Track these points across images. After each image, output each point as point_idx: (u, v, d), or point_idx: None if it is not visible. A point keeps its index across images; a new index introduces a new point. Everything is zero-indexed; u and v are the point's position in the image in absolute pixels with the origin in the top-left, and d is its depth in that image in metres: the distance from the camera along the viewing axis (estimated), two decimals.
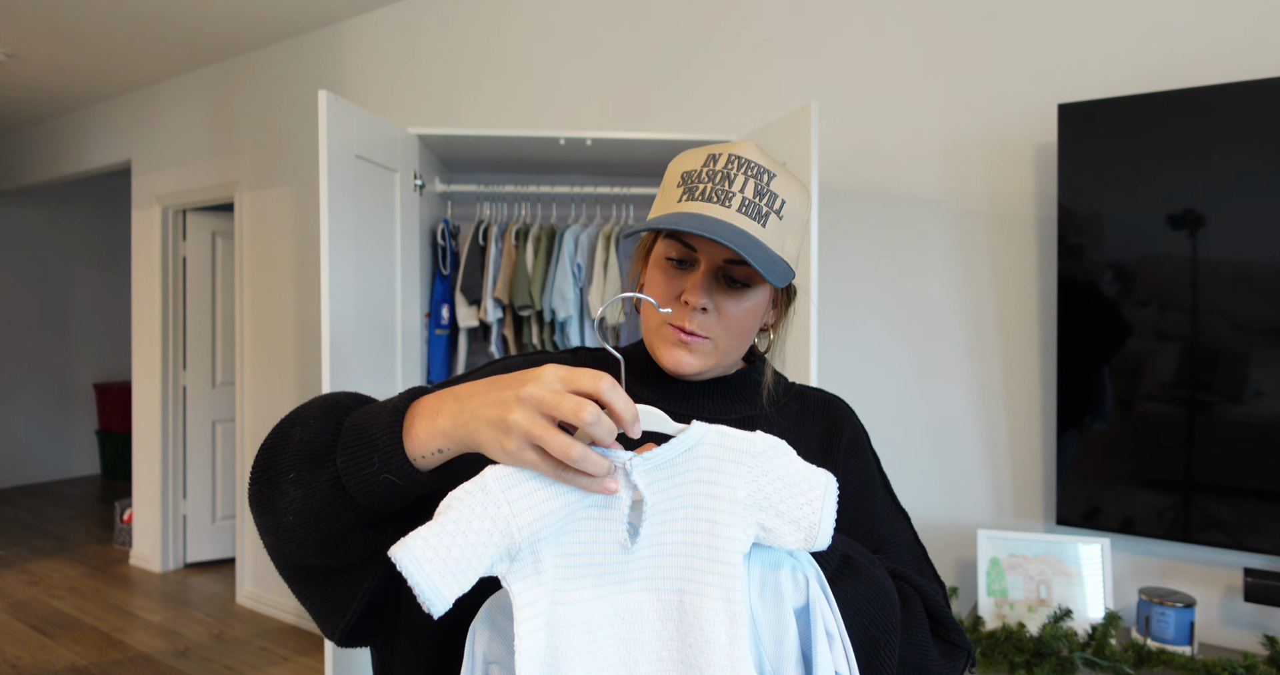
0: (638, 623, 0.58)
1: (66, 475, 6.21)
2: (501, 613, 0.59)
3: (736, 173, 0.71)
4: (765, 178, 0.72)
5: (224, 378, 4.24)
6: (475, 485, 0.55)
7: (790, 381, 0.87)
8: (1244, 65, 1.68)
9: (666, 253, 0.74)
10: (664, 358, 0.74)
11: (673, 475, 0.60)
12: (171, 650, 3.15)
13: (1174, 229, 1.65)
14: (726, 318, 0.73)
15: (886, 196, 2.14)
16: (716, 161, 0.73)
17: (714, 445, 0.60)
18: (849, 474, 0.80)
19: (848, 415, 0.86)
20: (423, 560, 0.51)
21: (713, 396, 0.80)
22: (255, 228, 3.59)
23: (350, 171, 1.88)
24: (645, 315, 0.77)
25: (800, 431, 0.80)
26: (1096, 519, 1.76)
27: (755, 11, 2.34)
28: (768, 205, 0.71)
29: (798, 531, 0.58)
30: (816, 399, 0.85)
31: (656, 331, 0.75)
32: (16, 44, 3.46)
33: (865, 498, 0.81)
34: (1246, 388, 1.60)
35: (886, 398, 2.13)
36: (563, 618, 0.56)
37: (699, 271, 0.72)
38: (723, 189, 0.71)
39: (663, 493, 0.60)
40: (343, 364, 1.85)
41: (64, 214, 6.06)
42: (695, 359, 0.74)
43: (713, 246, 0.71)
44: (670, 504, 0.60)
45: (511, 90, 2.80)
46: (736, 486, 0.59)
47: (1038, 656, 1.60)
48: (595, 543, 0.58)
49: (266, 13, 3.16)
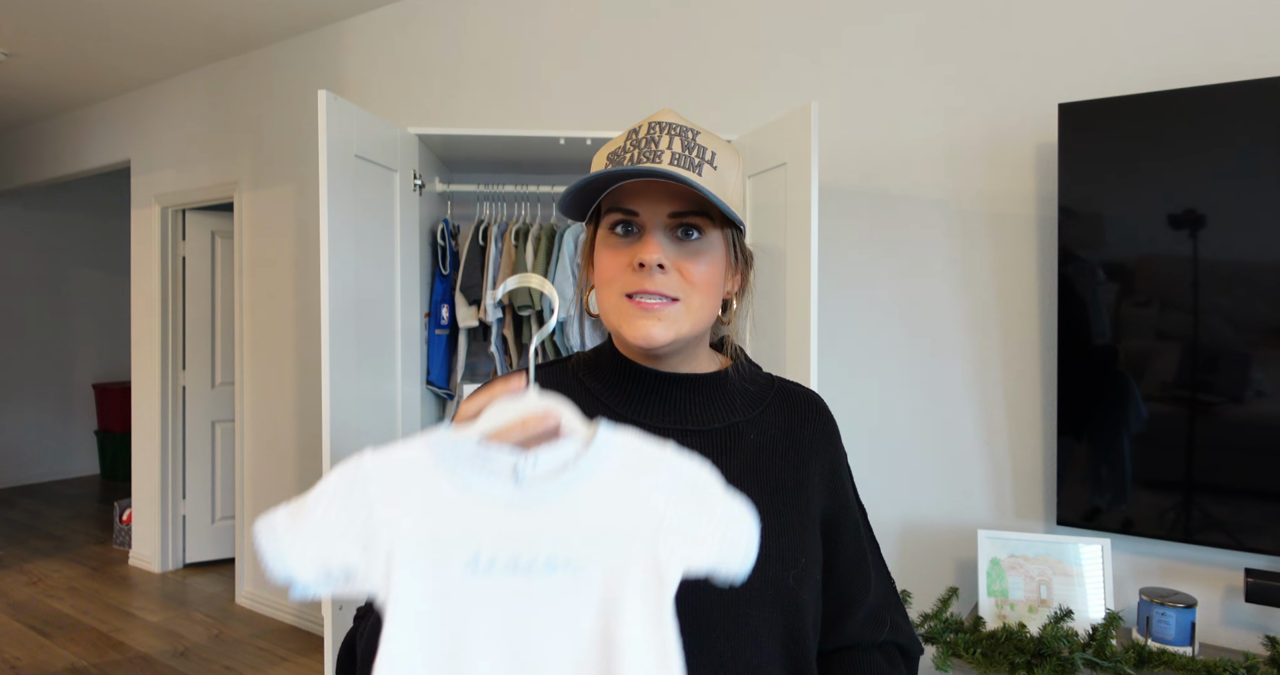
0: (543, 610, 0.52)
1: (66, 475, 6.21)
2: None
3: (660, 135, 0.70)
4: (690, 135, 0.71)
5: (224, 378, 4.24)
6: (350, 463, 0.53)
7: (767, 373, 0.83)
8: (1244, 65, 1.68)
9: (609, 226, 0.72)
10: (630, 333, 0.70)
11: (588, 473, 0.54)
12: (171, 650, 3.15)
13: (1174, 229, 1.65)
14: (687, 274, 0.70)
15: (886, 196, 2.14)
16: (638, 132, 0.72)
17: (618, 459, 0.55)
18: (840, 498, 0.79)
19: (834, 429, 0.82)
20: (276, 527, 0.50)
21: (696, 401, 0.76)
22: (255, 228, 3.58)
23: (350, 171, 1.88)
24: (602, 299, 0.73)
25: (791, 437, 0.77)
26: (1097, 519, 1.76)
27: (755, 11, 2.33)
28: (698, 157, 0.70)
29: (718, 559, 0.53)
30: (804, 399, 0.81)
31: (615, 310, 0.71)
32: (16, 43, 3.46)
33: (844, 519, 0.79)
34: (1247, 388, 1.60)
35: (886, 398, 2.13)
36: (452, 605, 0.51)
37: (646, 232, 0.70)
38: (650, 150, 0.69)
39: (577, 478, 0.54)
40: (343, 364, 1.84)
41: (64, 214, 6.06)
42: (664, 326, 0.69)
43: (654, 203, 0.69)
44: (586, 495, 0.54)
45: (511, 90, 2.80)
46: (655, 504, 0.54)
47: (1038, 657, 1.59)
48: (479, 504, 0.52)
49: (266, 13, 3.16)
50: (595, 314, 0.77)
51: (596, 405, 0.75)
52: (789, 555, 0.70)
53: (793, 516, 0.73)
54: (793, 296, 1.78)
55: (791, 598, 0.69)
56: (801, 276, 1.73)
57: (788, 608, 0.69)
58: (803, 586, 0.71)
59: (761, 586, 0.67)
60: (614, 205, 0.71)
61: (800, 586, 0.70)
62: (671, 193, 0.70)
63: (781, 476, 0.74)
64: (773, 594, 0.68)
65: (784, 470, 0.74)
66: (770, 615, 0.68)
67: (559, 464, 0.53)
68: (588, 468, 0.54)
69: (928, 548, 2.07)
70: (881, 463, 2.12)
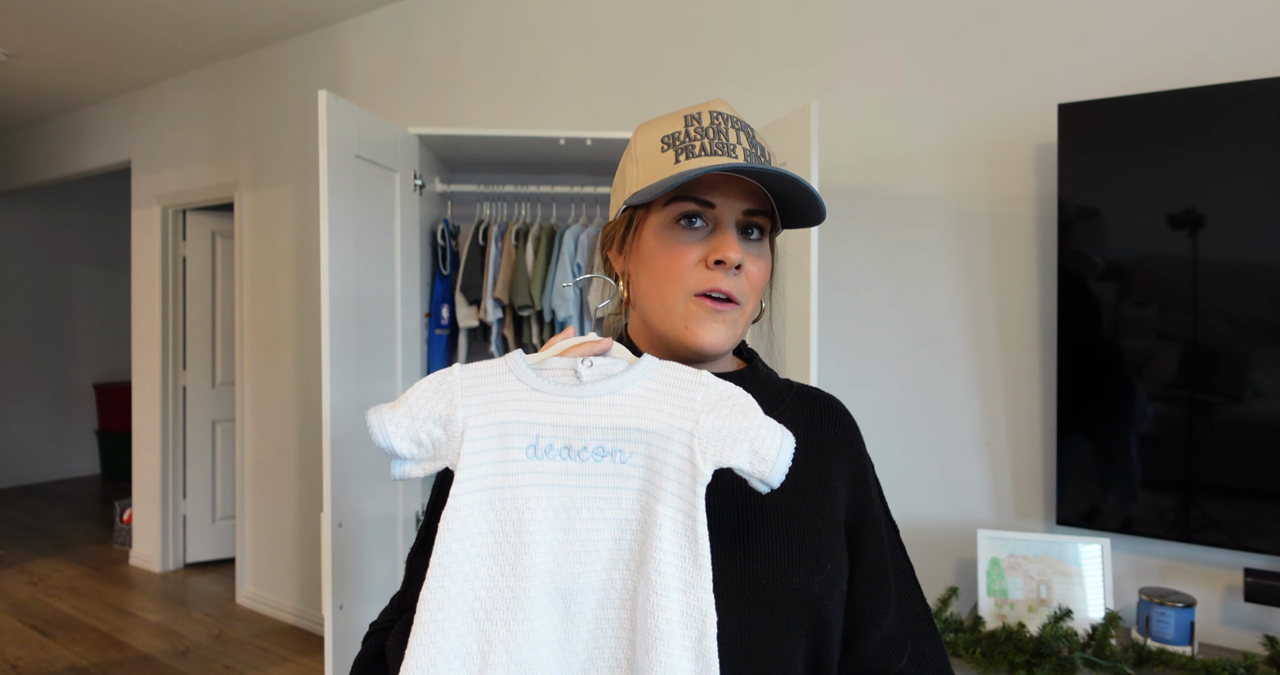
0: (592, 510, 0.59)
1: (66, 475, 6.21)
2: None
3: (726, 127, 0.68)
4: (751, 132, 0.70)
5: (224, 378, 4.24)
6: (442, 371, 0.63)
7: (784, 378, 0.80)
8: (1244, 65, 1.68)
9: (673, 216, 0.67)
10: (703, 337, 0.66)
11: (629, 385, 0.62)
12: (171, 650, 3.15)
13: (1174, 229, 1.65)
14: (751, 277, 0.67)
15: (886, 196, 2.14)
16: (700, 120, 0.68)
17: (664, 377, 0.62)
18: (861, 508, 0.73)
19: (857, 433, 0.78)
20: (381, 410, 0.61)
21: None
22: (255, 228, 3.59)
23: (350, 171, 1.88)
24: (663, 295, 0.67)
25: (813, 439, 0.73)
26: (1097, 519, 1.76)
27: (756, 12, 2.34)
28: (763, 156, 0.68)
29: (751, 456, 0.59)
30: (824, 403, 0.78)
31: (683, 310, 0.66)
32: (16, 44, 3.46)
33: (865, 531, 0.74)
34: (1247, 388, 1.60)
35: (887, 398, 2.13)
36: (514, 493, 0.59)
37: (721, 227, 0.66)
38: (722, 142, 0.66)
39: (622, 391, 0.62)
40: (343, 364, 1.84)
41: (64, 214, 6.06)
42: (729, 330, 0.67)
43: (732, 197, 0.66)
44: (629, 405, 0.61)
45: (511, 90, 2.80)
46: (696, 410, 0.60)
47: (1038, 656, 1.59)
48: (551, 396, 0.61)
49: (266, 13, 3.16)
50: (626, 303, 0.75)
51: None
52: (814, 560, 0.66)
53: (817, 520, 0.68)
54: (793, 296, 1.78)
55: (816, 606, 0.65)
56: (801, 276, 1.73)
57: (813, 618, 0.65)
58: (829, 595, 0.66)
59: (784, 592, 0.64)
60: (687, 195, 0.66)
61: (826, 595, 0.66)
62: (747, 190, 0.67)
63: (805, 478, 0.69)
64: (796, 601, 0.64)
65: (807, 472, 0.70)
66: (794, 623, 0.64)
67: (611, 370, 0.61)
68: (635, 376, 0.61)
69: (928, 547, 2.07)
70: (881, 463, 2.11)
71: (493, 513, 0.58)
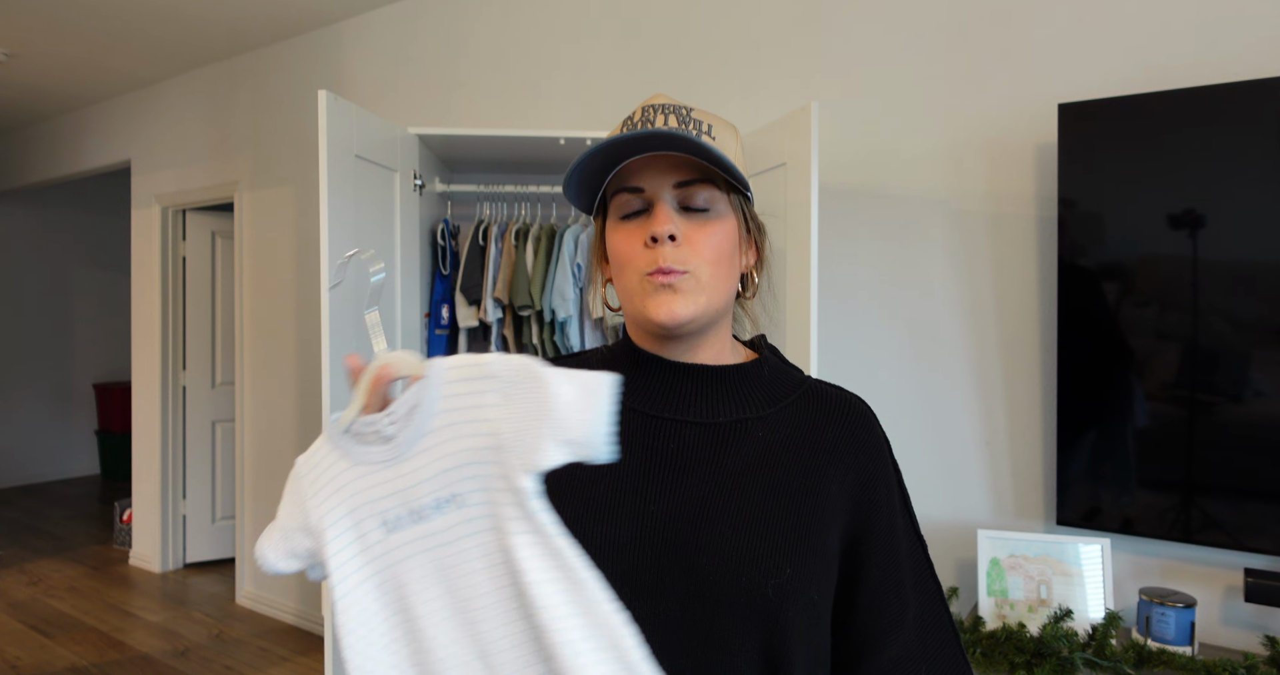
0: (460, 564, 0.56)
1: (66, 475, 6.21)
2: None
3: (655, 114, 0.69)
4: (684, 111, 0.70)
5: (224, 378, 4.24)
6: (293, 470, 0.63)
7: (801, 374, 0.78)
8: (1244, 65, 1.68)
9: (618, 213, 0.70)
10: (655, 312, 0.67)
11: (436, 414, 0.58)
12: (171, 650, 3.15)
13: (1174, 229, 1.65)
14: (697, 245, 0.67)
15: (886, 196, 2.14)
16: (633, 117, 0.71)
17: (454, 381, 0.58)
18: (869, 517, 0.69)
19: (875, 437, 0.72)
20: (261, 538, 0.62)
21: (703, 393, 0.72)
22: (255, 228, 3.59)
23: (350, 171, 1.88)
24: (622, 284, 0.70)
25: (811, 439, 0.70)
26: (1097, 519, 1.76)
27: (755, 11, 2.33)
28: (694, 129, 0.68)
29: (566, 449, 0.55)
30: (838, 402, 0.74)
31: (639, 291, 0.68)
32: (16, 44, 3.46)
33: (874, 543, 0.69)
34: (1247, 388, 1.60)
35: (887, 398, 2.13)
36: (389, 573, 0.57)
37: (655, 206, 0.68)
38: (647, 124, 0.69)
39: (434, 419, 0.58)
40: (343, 364, 1.84)
41: (64, 214, 6.06)
42: (684, 299, 0.67)
43: (658, 175, 0.68)
44: (444, 434, 0.57)
45: (511, 90, 2.80)
46: (496, 419, 0.56)
47: (1038, 657, 1.59)
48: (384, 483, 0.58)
49: (266, 13, 3.16)
50: (615, 308, 0.75)
51: None
52: (770, 562, 0.63)
53: (789, 521, 0.65)
54: (793, 296, 1.78)
55: (771, 610, 0.62)
56: (801, 276, 1.73)
57: (766, 621, 0.62)
58: (788, 600, 0.63)
59: (732, 592, 0.62)
60: (618, 187, 0.70)
61: (784, 599, 0.62)
62: (675, 163, 0.68)
63: (788, 479, 0.67)
64: (745, 602, 0.62)
65: (792, 473, 0.68)
66: (743, 625, 0.62)
67: (408, 410, 0.58)
68: (430, 406, 0.57)
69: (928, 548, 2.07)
70: None
71: (377, 604, 0.56)
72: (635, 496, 0.66)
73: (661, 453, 0.68)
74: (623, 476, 0.67)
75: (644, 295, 0.68)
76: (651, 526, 0.65)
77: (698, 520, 0.64)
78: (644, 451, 0.69)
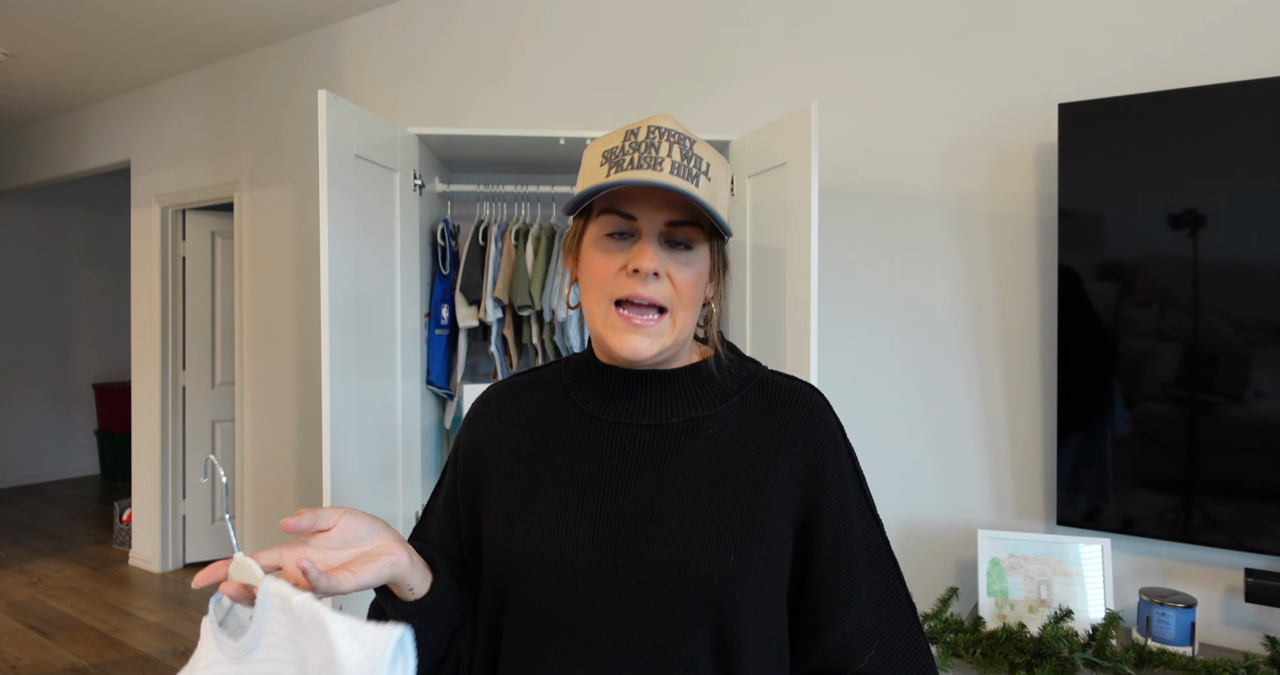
0: None
1: (66, 475, 6.21)
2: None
3: (660, 140, 0.71)
4: (688, 143, 0.72)
5: (223, 378, 4.24)
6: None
7: (756, 367, 0.81)
8: (1244, 65, 1.68)
9: (603, 230, 0.73)
10: (617, 346, 0.71)
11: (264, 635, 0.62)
12: (171, 650, 3.15)
13: (1174, 229, 1.65)
14: (677, 284, 0.72)
15: (886, 196, 2.14)
16: (637, 135, 0.72)
17: (277, 608, 0.61)
18: (818, 501, 0.73)
19: (824, 424, 0.76)
20: None
21: (658, 396, 0.76)
22: (255, 228, 3.58)
23: (350, 171, 1.88)
24: (589, 302, 0.74)
25: (757, 431, 0.74)
26: (1097, 519, 1.76)
27: (756, 12, 2.33)
28: (696, 167, 0.71)
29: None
30: (786, 393, 0.77)
31: (604, 320, 0.73)
32: (16, 44, 3.46)
33: (823, 525, 0.73)
34: (1247, 388, 1.60)
35: (887, 398, 2.13)
36: None
37: (642, 238, 0.71)
38: (650, 156, 0.70)
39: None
40: (342, 364, 1.84)
41: (63, 214, 6.06)
42: (650, 340, 0.71)
43: (653, 210, 0.71)
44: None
45: (511, 90, 2.80)
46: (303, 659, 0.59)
47: (1038, 657, 1.59)
48: None
49: (266, 13, 3.16)
50: (573, 305, 0.81)
51: (567, 403, 0.80)
52: (715, 551, 0.67)
53: (734, 510, 0.69)
54: (793, 296, 1.78)
55: (718, 596, 0.67)
56: (801, 276, 1.73)
57: (715, 607, 0.67)
58: (734, 586, 0.67)
59: (681, 581, 0.67)
60: (611, 207, 0.72)
61: (730, 585, 0.67)
62: (670, 201, 0.71)
63: (735, 472, 0.71)
64: (693, 589, 0.67)
65: (740, 465, 0.72)
66: (693, 611, 0.67)
67: (247, 621, 0.63)
68: (260, 624, 0.61)
69: (928, 548, 2.07)
70: (881, 463, 2.12)
71: None
72: (593, 498, 0.72)
73: (619, 455, 0.74)
74: (583, 479, 0.73)
75: (609, 324, 0.72)
76: (606, 526, 0.70)
77: (648, 517, 0.70)
78: (602, 455, 0.74)
